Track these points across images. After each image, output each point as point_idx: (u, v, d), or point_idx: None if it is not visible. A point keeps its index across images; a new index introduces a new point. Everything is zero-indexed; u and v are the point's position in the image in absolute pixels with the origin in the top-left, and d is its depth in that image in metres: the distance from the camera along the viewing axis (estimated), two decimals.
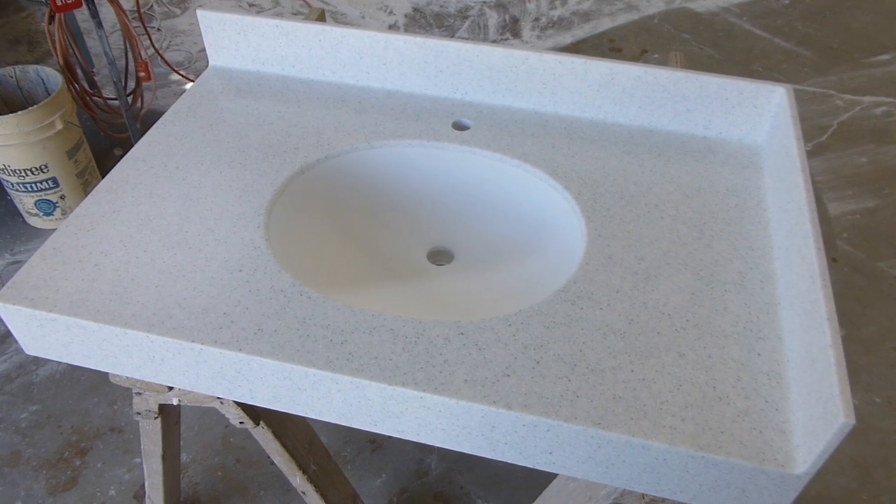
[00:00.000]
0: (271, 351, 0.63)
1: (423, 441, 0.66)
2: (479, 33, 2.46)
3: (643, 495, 0.69)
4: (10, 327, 0.70)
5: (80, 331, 0.67)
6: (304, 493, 1.01)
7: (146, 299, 0.67)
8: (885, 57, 2.39)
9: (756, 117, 0.85)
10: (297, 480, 0.99)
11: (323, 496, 1.01)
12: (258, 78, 0.96)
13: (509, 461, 0.65)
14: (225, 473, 1.35)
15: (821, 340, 0.57)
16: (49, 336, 0.69)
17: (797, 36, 2.47)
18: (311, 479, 0.99)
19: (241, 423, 0.87)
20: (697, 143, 0.87)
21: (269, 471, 1.34)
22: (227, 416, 0.86)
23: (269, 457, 1.37)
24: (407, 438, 0.66)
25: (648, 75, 0.84)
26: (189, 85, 2.30)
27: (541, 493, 1.33)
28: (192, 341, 0.64)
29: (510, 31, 2.48)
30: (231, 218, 0.76)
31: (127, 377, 0.76)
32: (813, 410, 0.56)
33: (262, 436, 0.91)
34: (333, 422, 0.67)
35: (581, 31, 2.47)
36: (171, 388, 0.80)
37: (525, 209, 0.84)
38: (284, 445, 0.93)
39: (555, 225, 0.81)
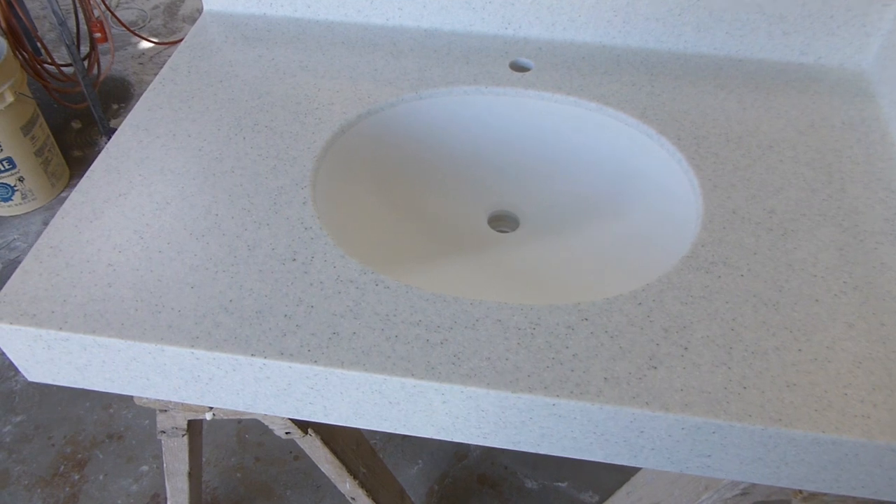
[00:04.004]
0: (355, 360, 0.50)
1: (542, 452, 0.54)
2: None
3: (800, 490, 0.59)
4: (5, 352, 0.55)
5: (101, 351, 0.53)
6: (353, 498, 0.90)
7: (182, 305, 0.53)
8: None
9: (863, 38, 0.73)
10: (347, 486, 0.87)
11: (374, 500, 0.90)
12: (266, 23, 0.80)
13: (651, 467, 0.54)
14: (245, 474, 1.22)
15: None
16: (59, 359, 0.55)
17: None
18: (362, 484, 0.87)
19: (287, 433, 0.74)
20: (795, 70, 0.75)
21: (293, 467, 1.22)
22: (270, 426, 0.73)
23: (291, 452, 1.25)
24: (522, 450, 0.54)
25: None
26: (146, 45, 2.08)
27: (588, 468, 1.24)
28: (252, 355, 0.50)
29: None
30: (269, 194, 0.61)
31: (158, 399, 0.62)
32: None
33: (310, 444, 0.78)
34: (429, 437, 0.55)
35: None
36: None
37: (608, 161, 0.72)
38: (334, 451, 0.81)
39: (651, 177, 0.68)
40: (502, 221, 0.75)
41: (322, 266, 0.56)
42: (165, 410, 0.71)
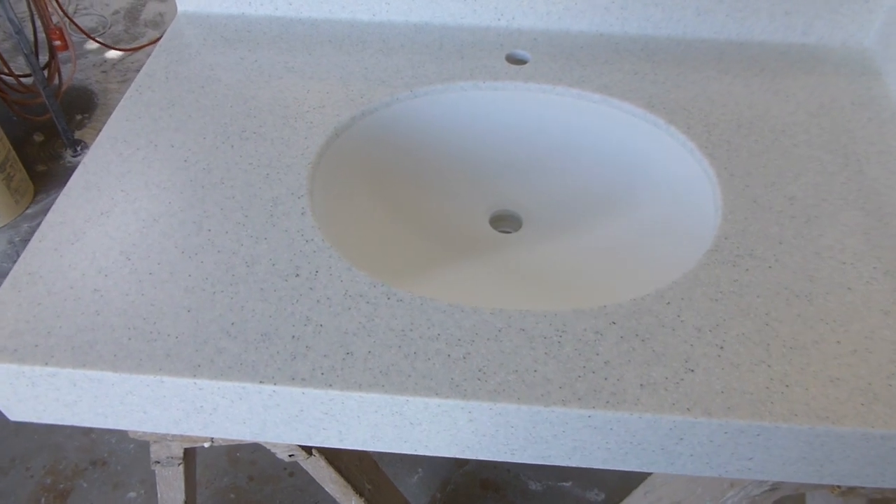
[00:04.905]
0: (374, 382, 0.46)
1: (573, 465, 0.51)
2: None
3: (838, 486, 0.57)
4: None
5: (93, 385, 0.48)
6: None
7: (179, 330, 0.49)
8: None
9: (865, 14, 0.72)
10: None
11: None
12: (246, 23, 0.75)
13: (688, 473, 0.51)
14: (239, 495, 1.17)
15: None
16: (45, 396, 0.50)
17: None
18: (368, 501, 0.84)
19: (290, 456, 0.70)
20: (798, 51, 0.73)
21: (289, 484, 1.18)
22: (273, 450, 0.69)
23: (286, 468, 1.21)
24: (551, 464, 0.51)
25: None
26: (113, 53, 2.01)
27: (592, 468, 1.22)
28: (261, 382, 0.46)
29: None
30: (264, 205, 0.57)
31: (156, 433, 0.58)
32: None
33: (315, 464, 0.74)
34: (452, 456, 0.52)
35: None
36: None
37: (615, 153, 0.69)
38: (339, 470, 0.77)
39: (662, 169, 0.66)
40: (504, 221, 0.72)
41: (328, 281, 0.52)
42: (159, 441, 0.66)
